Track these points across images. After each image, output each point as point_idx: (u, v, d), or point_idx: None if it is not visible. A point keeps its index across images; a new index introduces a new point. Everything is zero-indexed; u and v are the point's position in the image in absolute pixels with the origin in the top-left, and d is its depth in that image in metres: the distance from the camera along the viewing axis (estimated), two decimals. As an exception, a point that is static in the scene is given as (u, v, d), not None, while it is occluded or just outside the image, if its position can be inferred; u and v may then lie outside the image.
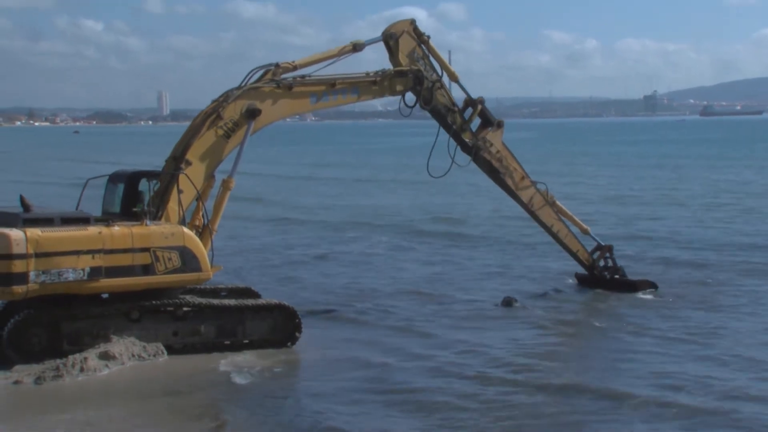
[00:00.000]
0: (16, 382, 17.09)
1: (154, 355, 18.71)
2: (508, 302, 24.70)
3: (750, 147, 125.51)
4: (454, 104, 24.56)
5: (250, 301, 20.62)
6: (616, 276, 26.38)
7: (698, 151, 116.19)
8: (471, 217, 44.76)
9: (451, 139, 24.85)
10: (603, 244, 26.65)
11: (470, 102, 24.94)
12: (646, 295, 25.61)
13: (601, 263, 26.50)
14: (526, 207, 25.77)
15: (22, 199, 19.27)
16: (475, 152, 24.91)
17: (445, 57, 24.95)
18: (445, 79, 24.68)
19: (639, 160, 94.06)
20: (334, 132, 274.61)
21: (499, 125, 25.34)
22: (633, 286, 25.97)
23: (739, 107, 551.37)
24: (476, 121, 25.23)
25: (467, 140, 24.84)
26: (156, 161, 21.04)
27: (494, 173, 25.29)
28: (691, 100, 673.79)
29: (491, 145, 25.03)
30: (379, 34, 23.63)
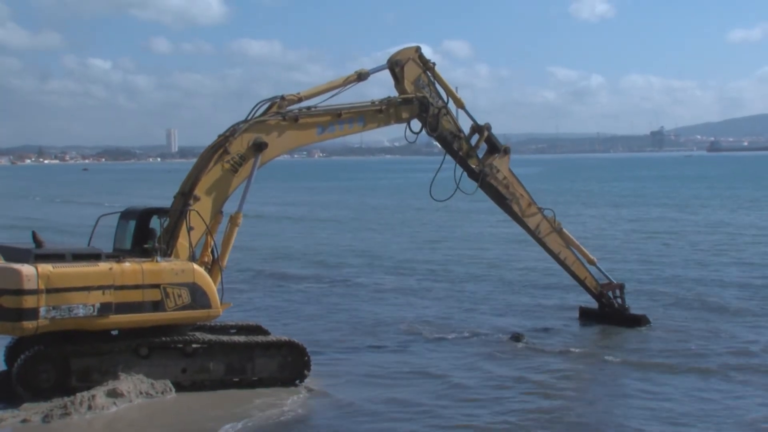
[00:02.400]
0: (24, 421, 16.91)
1: (162, 393, 18.53)
2: (516, 338, 24.44)
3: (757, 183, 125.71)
4: (460, 130, 24.48)
5: (260, 338, 20.42)
6: (624, 311, 26.13)
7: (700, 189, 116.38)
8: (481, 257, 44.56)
9: (458, 165, 24.65)
10: (614, 281, 26.47)
11: (477, 128, 24.88)
12: (646, 330, 25.43)
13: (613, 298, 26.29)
14: (533, 234, 25.67)
15: (34, 235, 19.26)
16: (481, 178, 24.81)
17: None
18: (451, 106, 24.44)
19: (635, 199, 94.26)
20: (339, 168, 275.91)
21: (506, 151, 25.29)
22: (636, 321, 25.70)
23: (746, 143, 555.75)
24: (483, 148, 25.14)
25: (474, 166, 24.73)
26: (166, 197, 21.03)
27: (501, 199, 25.19)
28: (698, 136, 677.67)
29: (498, 171, 24.95)
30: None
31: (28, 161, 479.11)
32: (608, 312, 26.27)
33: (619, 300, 26.26)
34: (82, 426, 16.88)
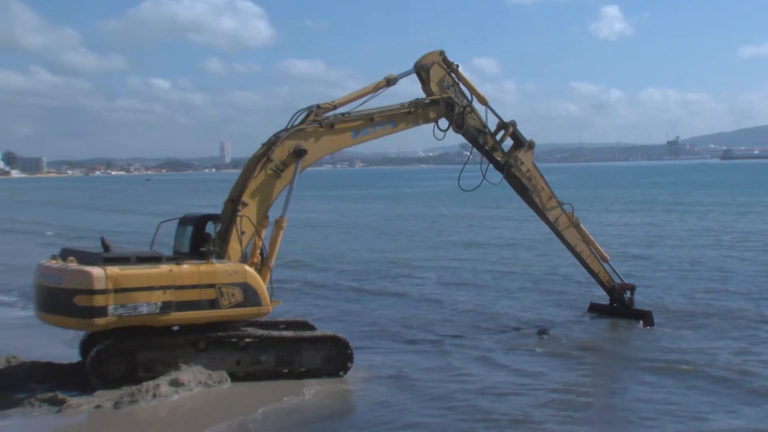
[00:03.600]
0: (97, 407, 17.20)
1: (219, 383, 18.74)
2: (542, 332, 24.40)
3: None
4: (485, 126, 24.38)
5: (306, 333, 20.56)
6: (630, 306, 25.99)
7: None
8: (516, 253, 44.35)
9: (484, 159, 24.66)
10: (626, 282, 26.32)
11: (503, 125, 24.86)
12: (651, 329, 25.06)
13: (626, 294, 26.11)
14: (552, 226, 25.55)
15: (102, 240, 19.58)
16: (506, 170, 24.77)
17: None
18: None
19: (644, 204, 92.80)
20: (376, 177, 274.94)
21: (530, 146, 25.22)
22: (641, 316, 25.44)
23: (757, 151, 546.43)
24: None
25: (499, 159, 24.70)
26: (217, 204, 21.26)
27: (523, 191, 25.13)
28: (712, 145, 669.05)
29: (522, 163, 24.91)
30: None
31: (98, 172, 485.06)
32: (616, 307, 26.12)
33: (628, 295, 26.01)
34: (148, 412, 17.12)
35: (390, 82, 22.81)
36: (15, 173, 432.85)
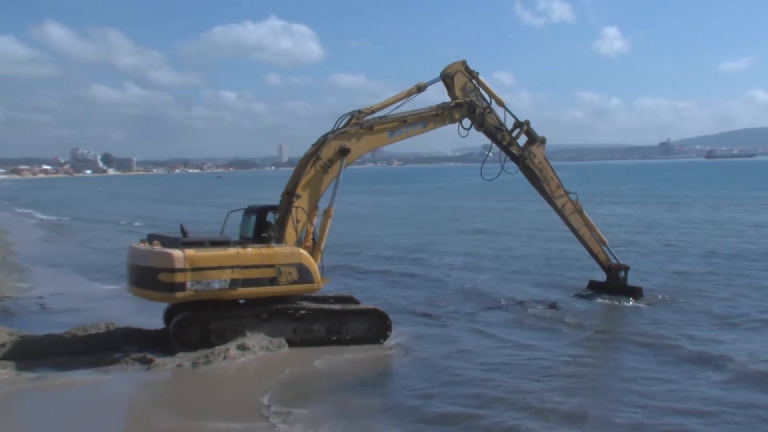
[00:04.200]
0: (178, 366, 17.57)
1: (278, 347, 18.97)
2: (552, 306, 24.35)
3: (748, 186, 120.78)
4: (502, 124, 24.18)
5: (351, 306, 20.71)
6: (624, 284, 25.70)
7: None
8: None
9: (502, 152, 24.51)
10: (621, 263, 26.02)
11: (518, 124, 24.65)
12: (641, 302, 24.79)
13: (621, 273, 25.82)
14: (559, 212, 25.29)
15: (181, 227, 19.86)
16: (521, 162, 24.62)
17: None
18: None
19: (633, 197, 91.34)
20: (410, 174, 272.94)
21: (542, 142, 24.97)
22: (633, 292, 25.22)
23: (736, 151, 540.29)
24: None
25: (515, 152, 24.53)
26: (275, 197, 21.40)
27: (536, 180, 24.94)
28: (698, 146, 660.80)
29: (535, 156, 24.72)
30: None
31: (177, 170, 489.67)
32: (612, 284, 25.81)
33: (623, 274, 25.71)
34: (219, 371, 17.42)
35: (420, 88, 22.73)
36: (111, 171, 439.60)
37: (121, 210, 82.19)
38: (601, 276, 26.51)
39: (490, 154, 24.77)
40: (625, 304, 24.77)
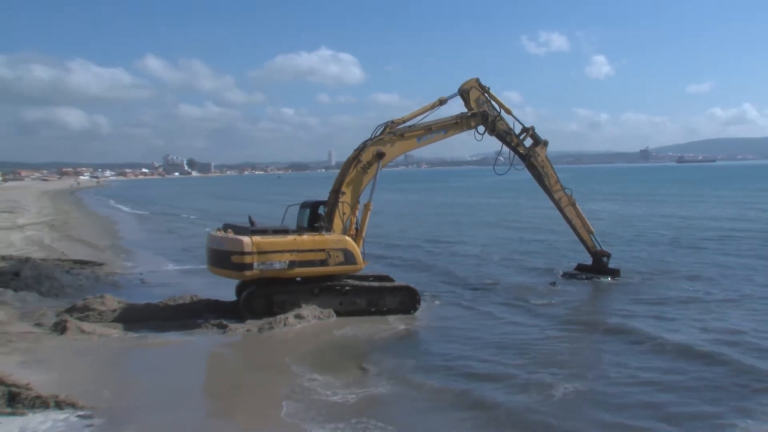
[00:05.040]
0: (248, 330, 17.67)
1: (328, 317, 18.98)
2: (552, 284, 24.15)
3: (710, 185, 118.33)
4: (510, 129, 23.79)
5: (387, 284, 20.63)
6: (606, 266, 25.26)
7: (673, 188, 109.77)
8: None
9: (512, 152, 24.15)
10: (605, 250, 25.61)
11: (525, 129, 24.26)
12: (618, 281, 24.44)
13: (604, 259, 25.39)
14: (556, 203, 24.85)
15: (249, 218, 20.00)
16: (527, 160, 24.27)
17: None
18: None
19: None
20: (435, 175, 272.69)
21: (545, 144, 24.56)
22: (613, 272, 24.86)
23: (701, 158, 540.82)
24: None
25: (522, 152, 24.20)
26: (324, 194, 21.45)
27: (538, 176, 24.53)
28: (671, 153, 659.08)
29: (538, 155, 24.35)
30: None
31: (246, 172, 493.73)
32: (596, 266, 25.35)
33: (605, 259, 25.31)
34: (281, 335, 17.50)
35: (442, 102, 22.53)
36: (194, 173, 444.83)
37: (190, 205, 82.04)
38: (587, 260, 26.03)
39: (501, 157, 24.44)
40: (606, 281, 24.45)
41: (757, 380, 13.49)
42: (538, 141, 24.49)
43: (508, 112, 23.81)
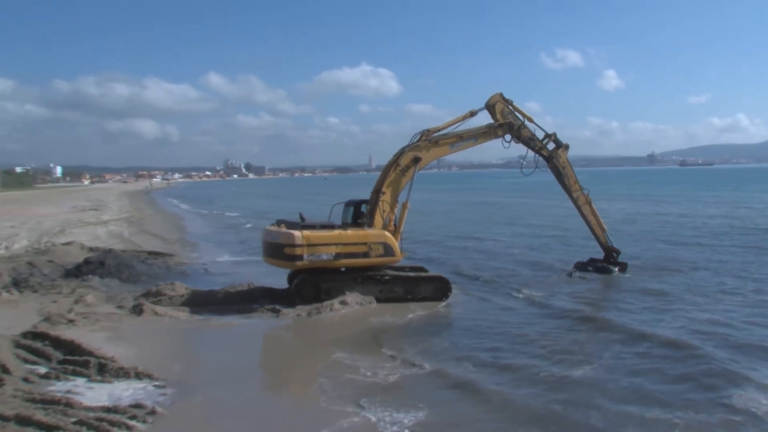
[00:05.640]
0: (298, 315, 17.80)
1: (369, 303, 19.01)
2: (569, 274, 23.96)
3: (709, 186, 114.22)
4: (534, 135, 23.50)
5: (422, 274, 20.60)
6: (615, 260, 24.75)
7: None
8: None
9: (536, 155, 23.80)
10: (615, 246, 25.05)
11: (548, 135, 23.89)
12: (625, 274, 23.97)
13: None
14: (574, 202, 24.41)
15: (300, 215, 20.22)
16: (549, 162, 23.97)
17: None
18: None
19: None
20: (465, 177, 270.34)
21: (566, 147, 24.17)
22: (622, 266, 24.40)
23: (700, 161, 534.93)
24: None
25: (545, 155, 23.89)
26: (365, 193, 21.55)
27: (559, 176, 24.14)
28: (674, 157, 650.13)
29: (560, 158, 23.98)
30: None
31: (296, 175, 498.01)
32: (606, 259, 24.83)
33: (615, 255, 24.80)
34: (327, 319, 17.60)
35: (473, 114, 22.42)
36: (251, 176, 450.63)
37: (241, 205, 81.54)
38: (599, 254, 25.47)
39: (524, 161, 24.14)
40: (615, 274, 24.03)
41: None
42: (559, 145, 24.17)
43: (530, 120, 23.56)
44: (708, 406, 11.16)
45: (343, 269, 19.43)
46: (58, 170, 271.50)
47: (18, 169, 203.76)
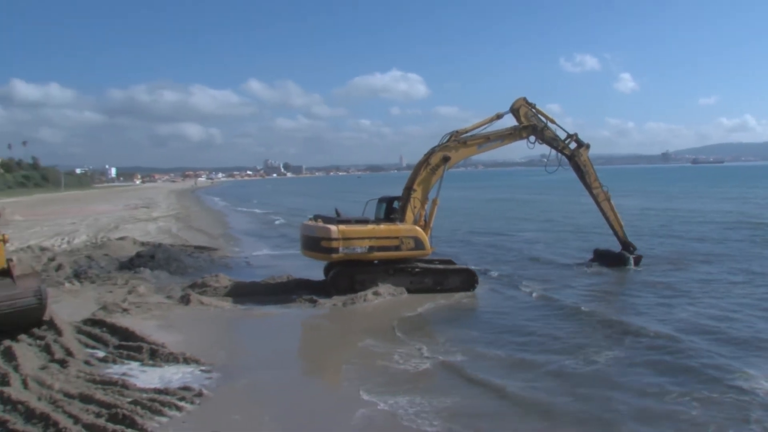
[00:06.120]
0: (334, 305, 17.88)
1: (400, 294, 19.00)
2: (588, 266, 23.95)
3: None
4: (556, 136, 23.28)
5: (450, 266, 20.51)
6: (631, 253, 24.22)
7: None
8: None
9: (559, 154, 23.52)
10: (631, 242, 24.57)
11: (569, 135, 23.67)
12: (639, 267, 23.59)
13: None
14: (594, 198, 24.07)
15: (336, 210, 20.34)
16: (572, 160, 23.70)
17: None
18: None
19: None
20: (491, 175, 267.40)
21: (587, 147, 23.90)
22: (636, 260, 23.91)
23: (711, 159, 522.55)
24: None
25: (567, 153, 23.60)
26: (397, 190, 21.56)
27: (580, 174, 23.86)
28: (687, 155, 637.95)
29: (581, 156, 23.71)
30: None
31: (331, 173, 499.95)
32: (623, 252, 24.27)
33: (632, 249, 24.30)
34: (361, 308, 17.65)
35: (499, 116, 22.31)
36: (289, 175, 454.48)
37: (275, 202, 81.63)
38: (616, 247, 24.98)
39: (545, 159, 23.87)
40: (630, 267, 23.64)
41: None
42: (581, 144, 23.96)
43: (552, 121, 23.38)
44: (721, 397, 10.79)
45: (375, 262, 19.46)
46: (113, 171, 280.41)
47: (78, 171, 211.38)
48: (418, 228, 19.64)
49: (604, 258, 24.76)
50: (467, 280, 19.97)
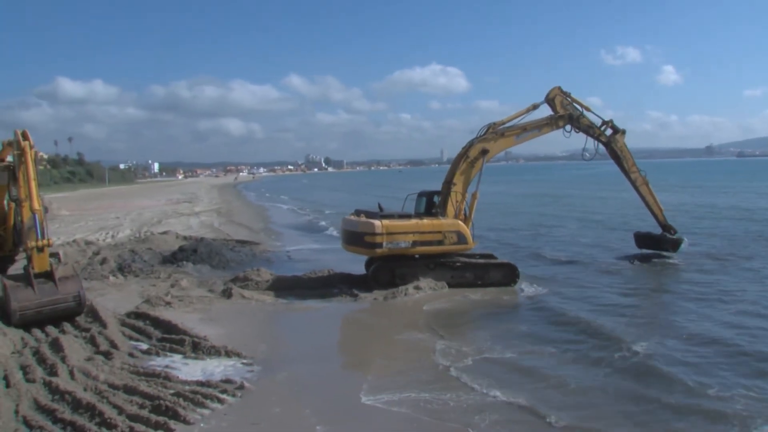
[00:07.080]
0: (375, 299, 17.92)
1: (441, 288, 18.87)
2: (631, 261, 23.86)
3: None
4: (592, 124, 23.03)
5: (492, 260, 20.24)
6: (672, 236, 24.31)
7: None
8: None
9: (596, 141, 23.20)
10: (671, 225, 24.50)
11: (605, 122, 23.38)
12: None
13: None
14: (632, 183, 23.90)
15: (379, 205, 20.34)
16: (609, 147, 23.43)
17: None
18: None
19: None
20: (530, 169, 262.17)
21: (623, 132, 23.61)
22: (677, 241, 23.91)
23: (757, 153, 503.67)
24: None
25: (603, 140, 23.26)
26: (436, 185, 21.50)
27: (618, 160, 23.65)
28: (732, 149, 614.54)
29: (617, 142, 23.43)
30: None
31: (372, 168, 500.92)
32: (663, 234, 24.32)
33: (671, 232, 24.20)
34: (402, 302, 17.62)
35: (535, 107, 22.15)
36: (330, 169, 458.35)
37: (307, 197, 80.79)
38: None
39: (587, 153, 23.48)
40: (670, 254, 23.86)
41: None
42: (617, 130, 23.74)
43: (588, 109, 23.10)
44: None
45: (416, 256, 19.36)
46: (156, 166, 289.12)
47: (121, 166, 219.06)
48: (460, 222, 19.46)
49: (645, 241, 24.67)
50: (508, 274, 19.70)
